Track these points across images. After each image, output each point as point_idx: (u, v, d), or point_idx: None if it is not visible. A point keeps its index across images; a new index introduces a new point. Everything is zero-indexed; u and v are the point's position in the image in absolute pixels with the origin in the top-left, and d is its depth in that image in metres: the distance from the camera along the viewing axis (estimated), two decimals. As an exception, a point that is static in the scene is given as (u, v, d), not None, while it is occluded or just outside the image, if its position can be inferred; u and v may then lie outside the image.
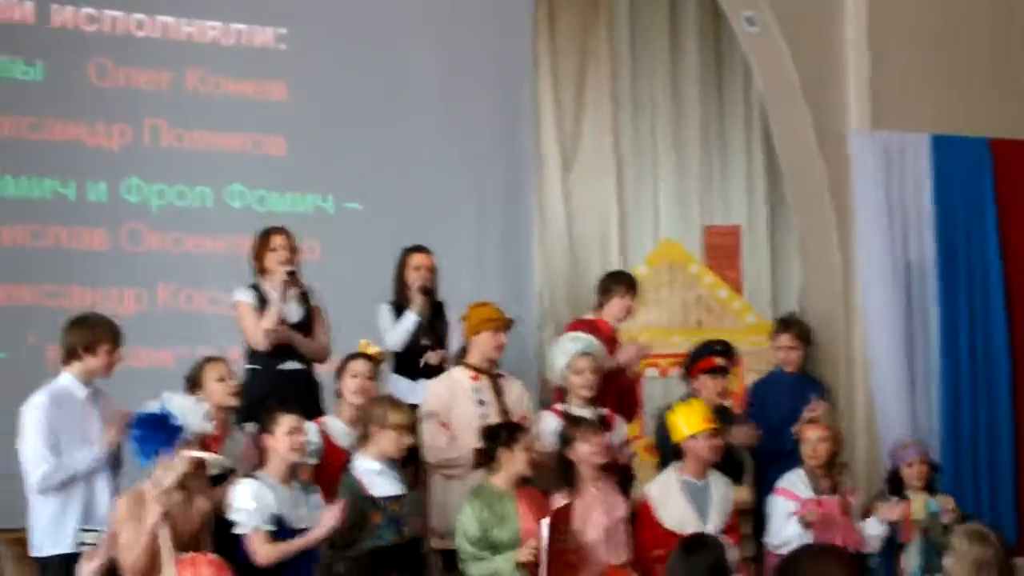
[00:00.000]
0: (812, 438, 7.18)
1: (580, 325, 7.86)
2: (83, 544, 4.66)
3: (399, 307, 7.83)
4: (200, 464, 5.95)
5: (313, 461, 6.57)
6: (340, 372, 6.92)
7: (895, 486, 7.44)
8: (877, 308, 9.09)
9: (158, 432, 5.80)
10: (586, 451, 6.63)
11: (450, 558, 6.62)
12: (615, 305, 7.92)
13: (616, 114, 10.52)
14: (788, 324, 8.43)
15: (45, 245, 8.80)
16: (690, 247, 10.17)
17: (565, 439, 6.73)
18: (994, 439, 9.30)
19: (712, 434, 6.85)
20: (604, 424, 7.01)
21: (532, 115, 10.26)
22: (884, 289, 9.10)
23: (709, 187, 10.67)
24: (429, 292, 7.80)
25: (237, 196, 9.32)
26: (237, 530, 5.95)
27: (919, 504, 7.31)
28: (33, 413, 6.25)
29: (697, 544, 5.42)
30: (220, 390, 6.53)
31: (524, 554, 6.20)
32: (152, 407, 5.95)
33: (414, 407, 6.91)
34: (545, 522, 6.21)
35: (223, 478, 6.29)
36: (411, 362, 7.64)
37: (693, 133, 10.66)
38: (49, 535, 6.21)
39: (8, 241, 8.70)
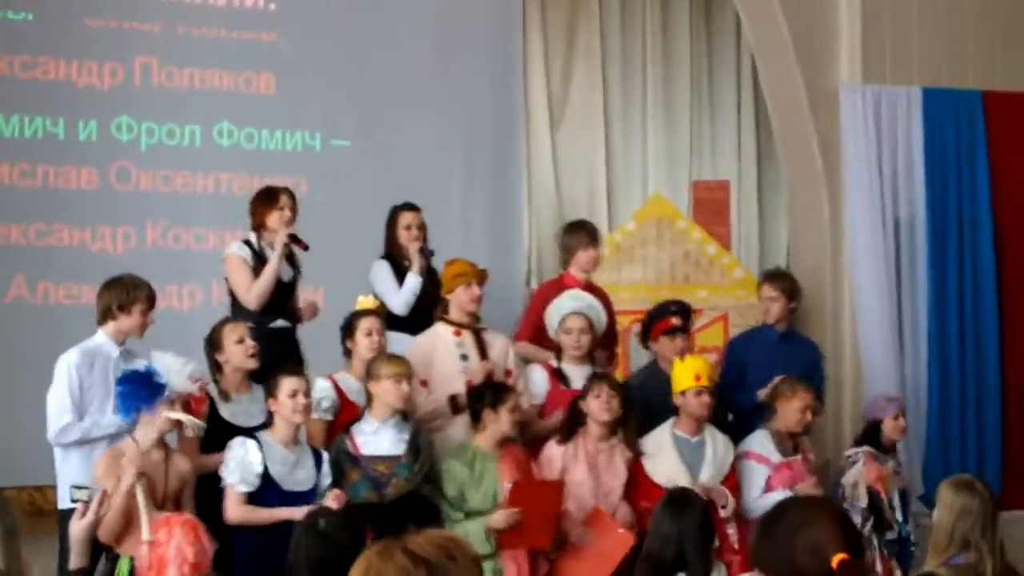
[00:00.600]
0: (798, 406, 7.10)
1: (549, 285, 7.90)
2: (75, 501, 4.64)
3: (394, 263, 7.76)
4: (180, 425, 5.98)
5: (329, 417, 6.61)
6: (349, 330, 6.88)
7: (872, 439, 7.45)
8: (866, 263, 9.05)
9: (141, 389, 5.82)
10: (595, 406, 6.65)
11: None
12: (580, 258, 7.85)
13: (605, 70, 10.46)
14: (772, 276, 8.27)
15: (34, 184, 8.91)
16: (678, 202, 10.14)
17: (584, 391, 6.75)
18: (982, 395, 9.31)
19: (699, 391, 6.82)
20: (607, 377, 7.01)
21: (521, 71, 10.23)
22: (873, 244, 9.06)
23: (698, 142, 10.61)
24: (431, 254, 7.76)
25: (226, 134, 9.40)
26: (222, 484, 6.01)
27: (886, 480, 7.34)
28: (63, 368, 6.30)
29: (682, 501, 5.43)
30: (239, 352, 6.52)
31: (495, 520, 6.24)
32: (139, 364, 5.98)
33: None
34: (507, 486, 6.29)
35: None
36: (409, 319, 7.57)
37: (682, 88, 10.59)
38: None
39: (-3, 180, 8.78)
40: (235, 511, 5.97)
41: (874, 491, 7.14)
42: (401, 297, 7.61)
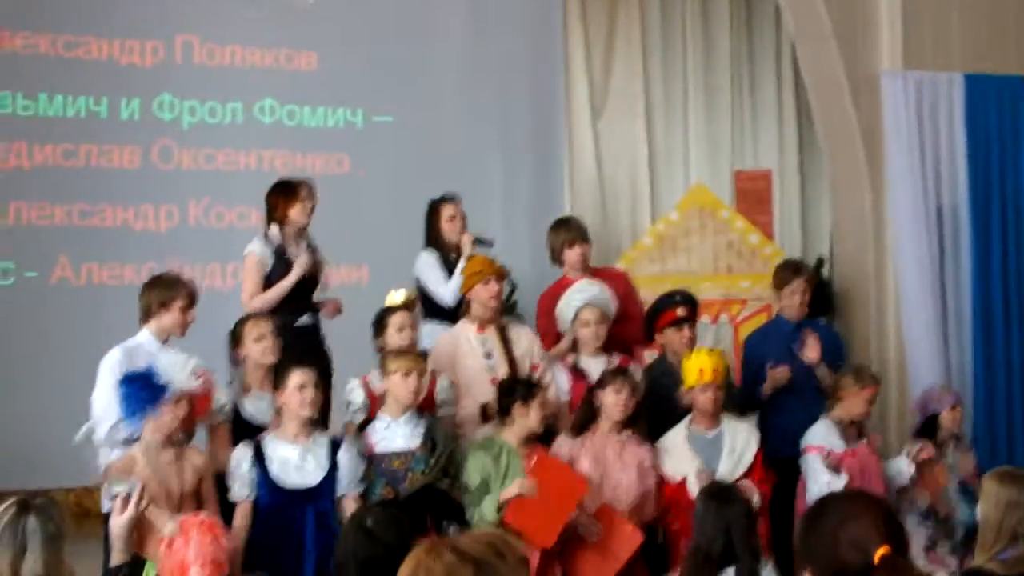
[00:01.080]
0: (867, 397, 7.04)
1: (549, 295, 7.65)
2: (114, 496, 4.62)
3: (440, 254, 7.72)
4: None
5: (360, 418, 6.56)
6: (379, 327, 6.83)
7: (929, 433, 7.39)
8: (909, 251, 8.98)
9: (142, 390, 5.74)
10: (611, 401, 6.60)
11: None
12: (569, 257, 7.70)
13: (646, 59, 10.48)
14: (799, 268, 8.01)
15: (77, 164, 9.01)
16: (720, 192, 10.15)
17: (601, 380, 6.70)
18: (1028, 385, 9.24)
19: (706, 387, 6.74)
20: (628, 373, 6.87)
21: (562, 62, 10.26)
22: (916, 232, 8.99)
23: (740, 132, 10.63)
24: (490, 244, 7.75)
25: (268, 111, 9.51)
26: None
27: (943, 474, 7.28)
28: (106, 367, 6.26)
29: (724, 494, 5.42)
30: (257, 349, 6.52)
31: (508, 490, 6.18)
32: (141, 365, 5.91)
33: None
34: (530, 462, 6.24)
35: None
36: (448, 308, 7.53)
37: (723, 77, 10.61)
38: (115, 490, 6.21)
39: (40, 160, 8.89)
40: (235, 522, 5.93)
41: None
42: (450, 290, 7.56)
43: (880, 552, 2.67)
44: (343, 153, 9.45)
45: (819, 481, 6.79)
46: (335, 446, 6.14)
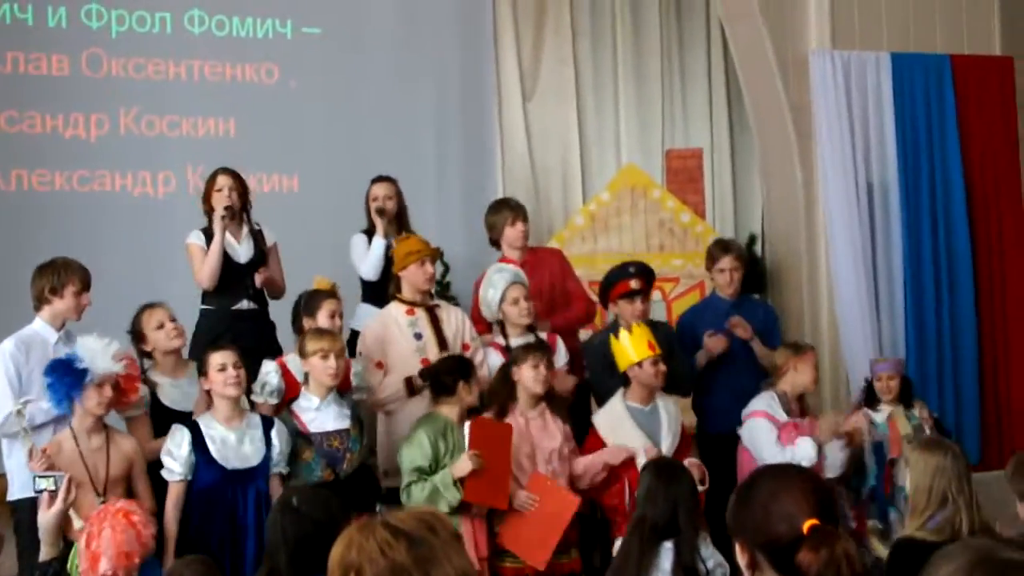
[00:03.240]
0: (810, 363, 7.13)
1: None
2: (40, 491, 4.57)
3: (371, 236, 7.79)
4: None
5: (273, 401, 6.52)
6: (309, 309, 6.81)
7: (870, 400, 7.50)
8: (840, 228, 9.04)
9: (64, 376, 5.78)
10: (529, 376, 6.60)
11: (395, 496, 6.52)
12: (508, 235, 7.75)
13: (576, 40, 10.46)
14: (728, 246, 8.14)
15: (4, 71, 8.97)
16: (652, 172, 10.17)
17: (513, 359, 6.71)
18: (958, 358, 9.34)
19: (656, 360, 6.77)
20: (545, 347, 6.92)
21: (492, 45, 10.24)
22: (847, 209, 9.06)
23: (670, 111, 10.62)
24: (383, 212, 7.75)
25: (197, 21, 9.46)
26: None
27: (902, 419, 7.39)
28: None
29: (671, 469, 5.50)
30: (162, 337, 6.53)
31: (460, 468, 6.20)
32: (37, 354, 5.96)
33: None
34: (467, 425, 6.29)
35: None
36: (381, 290, 7.50)
37: (653, 57, 10.60)
38: (19, 478, 6.15)
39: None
40: (171, 505, 5.97)
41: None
42: (368, 263, 7.63)
43: (809, 523, 2.70)
44: (273, 63, 9.49)
45: (769, 441, 6.85)
46: (267, 425, 6.18)
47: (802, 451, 6.76)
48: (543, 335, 7.18)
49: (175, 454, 5.97)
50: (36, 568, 4.31)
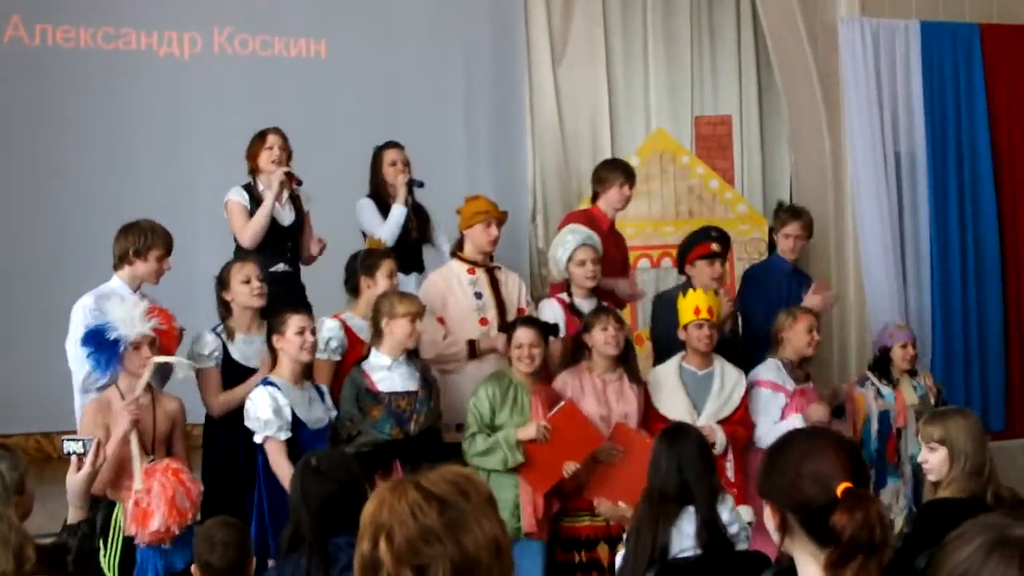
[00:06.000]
0: (804, 327, 7.05)
1: (576, 216, 7.76)
2: (69, 454, 4.56)
3: (378, 201, 7.78)
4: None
5: (337, 357, 6.58)
6: (368, 268, 6.80)
7: (883, 368, 7.54)
8: (867, 196, 9.09)
9: (100, 348, 5.74)
10: (600, 339, 6.64)
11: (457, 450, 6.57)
12: (612, 194, 7.76)
13: (606, 5, 10.48)
14: (798, 213, 8.06)
15: None
16: (681, 138, 10.19)
17: (586, 325, 6.74)
18: (984, 326, 9.39)
19: (699, 325, 6.80)
20: (612, 311, 6.93)
21: (522, 7, 10.25)
22: (874, 177, 9.09)
23: (700, 78, 10.65)
24: (419, 184, 7.79)
25: None
26: (256, 439, 5.99)
27: (908, 388, 7.43)
28: (78, 314, 6.21)
29: (676, 432, 5.49)
30: (244, 291, 6.50)
31: (525, 431, 6.28)
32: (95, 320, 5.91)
33: None
34: (560, 404, 6.35)
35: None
36: (402, 255, 7.48)
37: (683, 24, 10.62)
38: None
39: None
40: (279, 461, 5.92)
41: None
42: (388, 228, 7.61)
43: (842, 486, 2.74)
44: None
45: (770, 413, 6.90)
46: (320, 391, 6.26)
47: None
48: (604, 303, 7.15)
49: (279, 414, 5.93)
50: (65, 530, 4.34)
